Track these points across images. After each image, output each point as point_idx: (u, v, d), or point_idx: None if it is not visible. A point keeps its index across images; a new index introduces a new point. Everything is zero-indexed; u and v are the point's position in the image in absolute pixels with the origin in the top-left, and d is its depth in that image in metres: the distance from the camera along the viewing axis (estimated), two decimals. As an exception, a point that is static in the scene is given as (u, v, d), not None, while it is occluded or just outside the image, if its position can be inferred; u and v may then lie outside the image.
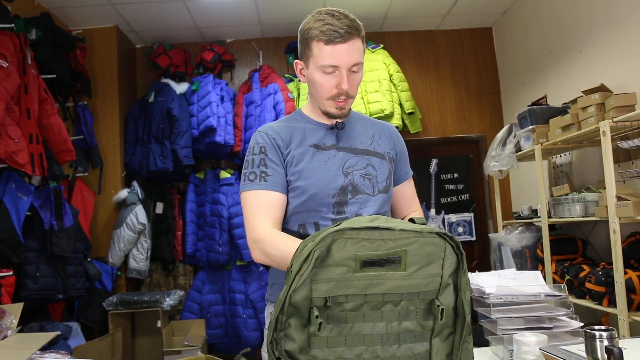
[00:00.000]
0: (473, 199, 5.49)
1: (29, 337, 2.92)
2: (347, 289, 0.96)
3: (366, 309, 0.98)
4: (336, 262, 0.95)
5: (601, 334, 1.23)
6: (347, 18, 1.47)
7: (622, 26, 3.44)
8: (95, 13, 4.66)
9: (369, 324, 0.98)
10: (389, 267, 0.96)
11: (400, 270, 0.97)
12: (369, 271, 0.96)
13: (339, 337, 0.97)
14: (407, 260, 0.97)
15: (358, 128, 1.64)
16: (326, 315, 0.97)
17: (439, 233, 0.99)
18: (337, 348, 0.97)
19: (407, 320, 0.99)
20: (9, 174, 3.33)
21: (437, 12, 5.15)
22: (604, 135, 2.94)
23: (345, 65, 1.47)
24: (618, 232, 2.87)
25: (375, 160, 1.58)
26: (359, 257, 0.95)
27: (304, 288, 0.95)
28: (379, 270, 0.96)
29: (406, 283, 0.98)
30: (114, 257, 4.54)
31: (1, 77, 3.14)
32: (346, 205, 1.50)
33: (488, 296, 1.63)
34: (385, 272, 0.96)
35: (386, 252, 0.95)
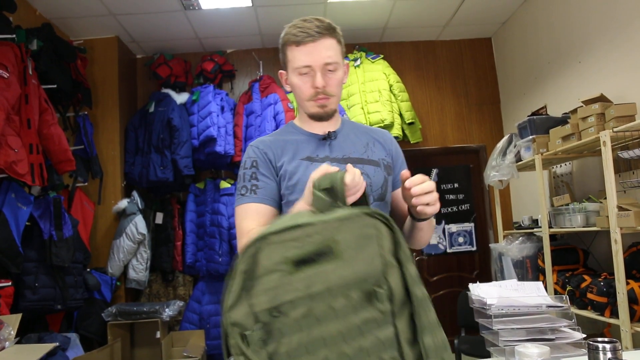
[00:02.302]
0: (473, 209, 5.48)
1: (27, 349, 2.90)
2: (288, 294, 0.91)
3: (317, 311, 0.92)
4: (268, 271, 0.90)
5: (604, 346, 1.22)
6: (319, 20, 1.50)
7: (622, 36, 3.46)
8: (96, 23, 4.69)
9: (326, 325, 0.92)
10: (324, 260, 0.92)
11: (337, 261, 0.92)
12: (306, 270, 0.91)
13: (299, 348, 0.91)
14: (341, 248, 0.92)
15: (351, 137, 1.63)
16: (278, 329, 0.91)
17: (366, 212, 0.94)
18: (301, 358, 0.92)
19: (363, 310, 0.94)
20: (9, 184, 3.32)
21: (436, 22, 5.17)
22: (604, 145, 2.94)
23: (317, 63, 1.49)
24: (619, 242, 2.86)
25: (369, 168, 1.57)
26: (288, 259, 0.90)
27: (241, 305, 0.90)
28: (315, 266, 0.91)
29: (347, 271, 0.92)
30: (114, 268, 4.52)
31: (2, 87, 3.15)
32: None
33: (489, 307, 1.62)
34: (322, 267, 0.91)
35: (314, 247, 0.91)
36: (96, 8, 4.37)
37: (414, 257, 5.36)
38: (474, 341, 3.72)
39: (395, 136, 4.85)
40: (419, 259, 5.36)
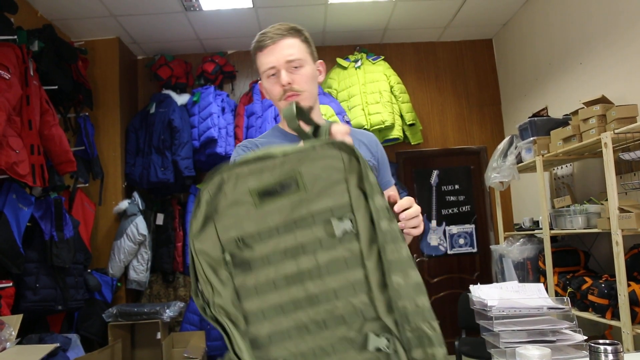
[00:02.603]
0: (474, 210, 5.48)
1: (28, 349, 2.90)
2: (254, 226, 0.90)
3: (284, 245, 0.90)
4: (233, 202, 0.90)
5: (606, 348, 1.22)
6: (281, 24, 1.54)
7: (623, 38, 3.45)
8: (97, 25, 4.69)
9: (293, 260, 0.90)
10: (289, 193, 0.90)
11: (301, 193, 0.89)
12: (272, 202, 0.90)
13: (267, 283, 0.90)
14: (305, 180, 0.89)
15: None
16: (247, 263, 0.90)
17: (329, 143, 0.91)
18: (269, 295, 0.90)
19: (331, 247, 0.90)
20: (10, 185, 3.32)
21: (437, 23, 5.17)
22: (605, 146, 2.94)
23: (279, 61, 1.51)
24: (621, 244, 2.86)
25: None
26: (252, 190, 0.89)
27: (207, 234, 0.90)
28: (281, 198, 0.89)
29: (313, 203, 0.90)
30: (114, 268, 4.52)
31: (3, 89, 3.15)
32: None
33: (490, 309, 1.61)
34: (287, 199, 0.90)
35: (278, 178, 0.89)
36: (97, 9, 4.38)
37: (415, 258, 5.35)
38: (475, 343, 3.72)
39: (395, 137, 4.85)
40: (419, 260, 5.36)
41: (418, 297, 0.89)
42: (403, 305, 0.89)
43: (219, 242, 0.90)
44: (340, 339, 0.90)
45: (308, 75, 1.55)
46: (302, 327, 0.91)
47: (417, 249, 5.35)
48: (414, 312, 0.89)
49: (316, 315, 0.90)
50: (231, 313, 0.90)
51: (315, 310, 0.90)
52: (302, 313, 0.90)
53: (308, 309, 0.90)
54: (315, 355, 0.91)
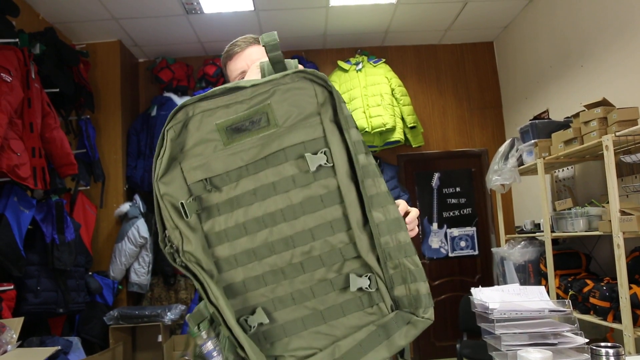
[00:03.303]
0: (475, 213, 5.47)
1: (29, 352, 2.90)
2: (222, 165, 0.85)
3: (254, 185, 0.85)
4: (200, 140, 0.84)
5: (607, 351, 1.22)
6: (248, 35, 1.60)
7: (624, 40, 3.46)
8: (99, 28, 4.70)
9: (265, 202, 0.85)
10: (259, 128, 0.84)
11: (272, 128, 0.84)
12: (241, 139, 0.84)
13: (237, 228, 0.85)
14: (275, 114, 0.84)
15: None
16: (214, 205, 0.85)
17: (299, 73, 0.85)
18: (240, 240, 0.85)
19: (305, 184, 0.85)
20: (11, 188, 3.33)
21: (438, 26, 5.18)
22: (606, 149, 2.94)
23: (248, 66, 1.51)
24: (622, 246, 2.85)
25: None
26: (220, 125, 0.83)
27: (172, 176, 0.84)
28: (250, 135, 0.84)
29: (284, 138, 0.85)
30: (115, 271, 4.52)
31: (5, 91, 3.16)
32: None
33: (492, 311, 1.61)
34: (257, 135, 0.85)
35: (247, 112, 0.84)
36: (99, 12, 4.38)
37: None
38: (476, 345, 3.71)
39: (397, 140, 4.85)
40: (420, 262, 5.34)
41: (399, 232, 0.87)
42: (385, 241, 0.86)
43: (186, 185, 0.85)
44: (319, 281, 0.87)
45: None
46: (278, 271, 0.86)
47: (419, 251, 5.34)
48: (395, 248, 0.86)
49: (292, 258, 0.86)
50: (202, 260, 0.84)
51: (291, 253, 0.86)
52: (277, 257, 0.86)
53: (283, 252, 0.86)
54: (293, 300, 0.87)
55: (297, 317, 0.87)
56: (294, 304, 0.87)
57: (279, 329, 0.87)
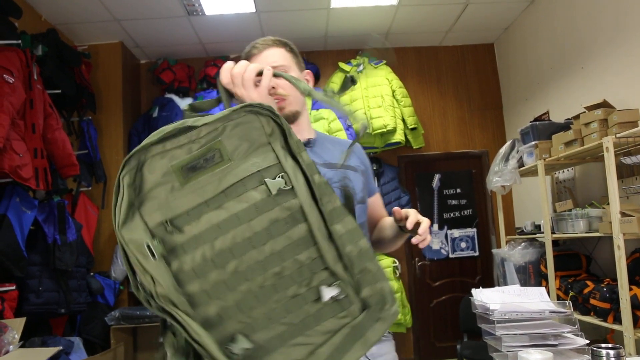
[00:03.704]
0: (476, 214, 5.48)
1: (31, 352, 2.91)
2: (181, 205, 0.86)
3: (217, 219, 0.87)
4: (156, 184, 0.86)
5: (608, 352, 1.22)
6: (268, 37, 1.60)
7: (625, 42, 3.46)
8: (101, 29, 4.71)
9: (229, 233, 0.87)
10: (214, 164, 0.88)
11: (226, 163, 0.88)
12: (197, 177, 0.87)
13: (205, 263, 0.86)
14: (227, 149, 0.89)
15: (328, 146, 1.65)
16: (179, 246, 0.86)
17: (245, 107, 0.90)
18: (210, 274, 0.86)
19: (267, 208, 0.88)
20: (13, 188, 3.33)
21: (439, 28, 5.19)
22: (607, 151, 2.95)
23: None
24: (622, 248, 2.86)
25: (350, 173, 1.60)
26: (175, 167, 0.86)
27: (133, 222, 0.85)
28: (206, 172, 0.87)
29: (240, 169, 0.88)
30: (117, 272, 4.53)
31: (7, 92, 3.16)
32: None
33: (492, 312, 1.62)
34: (213, 172, 0.88)
35: (200, 151, 0.87)
36: (101, 14, 4.39)
37: (417, 261, 5.36)
38: (477, 347, 3.72)
39: (397, 141, 4.86)
40: (421, 264, 5.36)
41: (360, 240, 0.92)
42: (349, 250, 0.91)
43: (147, 229, 0.86)
44: (292, 297, 0.90)
45: None
46: (251, 297, 0.88)
47: (419, 252, 5.35)
48: (358, 255, 0.92)
49: (264, 281, 0.88)
50: (176, 300, 0.85)
51: (263, 277, 0.88)
52: (249, 283, 0.87)
53: (254, 278, 0.88)
54: (270, 320, 0.89)
55: (275, 335, 0.89)
56: (270, 324, 0.89)
57: (259, 349, 0.89)
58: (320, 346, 0.90)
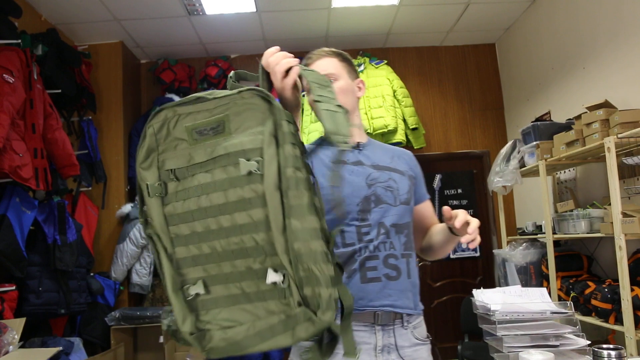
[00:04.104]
0: (477, 214, 5.47)
1: (31, 353, 2.91)
2: (185, 160, 1.04)
3: (203, 180, 1.02)
4: (173, 138, 1.04)
5: (610, 353, 1.22)
6: (325, 49, 1.71)
7: (626, 42, 3.45)
8: (101, 29, 4.71)
9: (209, 195, 1.02)
10: (216, 134, 1.03)
11: (226, 135, 1.03)
12: (203, 141, 1.03)
13: (188, 213, 1.03)
14: (231, 124, 1.03)
15: (378, 150, 1.73)
16: (174, 193, 1.05)
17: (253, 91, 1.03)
18: (190, 223, 1.03)
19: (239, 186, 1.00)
20: (13, 189, 3.33)
21: (440, 28, 5.18)
22: (608, 151, 2.94)
23: None
24: (624, 248, 2.85)
25: (396, 175, 1.65)
26: (188, 128, 1.03)
27: (150, 164, 1.06)
28: (209, 139, 1.03)
29: (230, 143, 1.01)
30: (117, 272, 4.53)
31: (7, 92, 3.16)
32: (369, 213, 1.56)
33: (493, 313, 1.61)
34: (216, 139, 1.03)
35: (209, 120, 1.03)
36: (101, 14, 4.39)
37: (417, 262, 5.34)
38: (478, 347, 3.71)
39: (398, 142, 4.85)
40: (422, 264, 5.35)
41: (312, 241, 0.99)
42: (298, 247, 0.98)
43: (158, 171, 1.06)
44: (247, 268, 1.02)
45: (342, 87, 1.67)
46: (216, 254, 1.02)
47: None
48: (306, 254, 0.98)
49: (228, 245, 1.01)
50: (161, 235, 1.06)
51: (227, 241, 1.01)
52: (217, 242, 1.02)
53: (221, 239, 1.02)
54: (227, 279, 1.03)
55: (229, 294, 1.04)
56: (227, 283, 1.03)
57: (213, 300, 1.05)
58: (259, 320, 1.02)
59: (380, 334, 1.51)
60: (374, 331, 1.51)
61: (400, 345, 1.53)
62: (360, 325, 1.51)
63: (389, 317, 1.52)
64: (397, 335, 1.54)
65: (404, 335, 1.54)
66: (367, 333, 1.51)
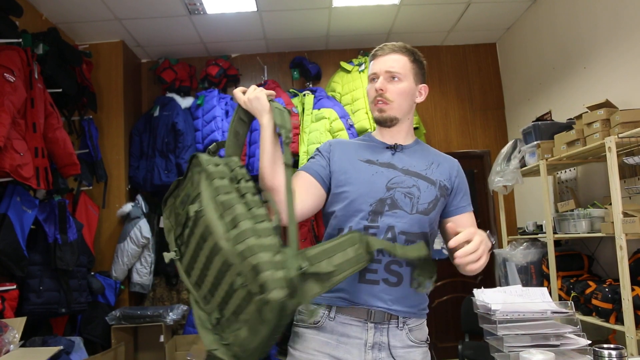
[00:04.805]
0: (477, 214, 5.45)
1: (32, 352, 2.91)
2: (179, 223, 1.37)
3: (192, 231, 1.30)
4: (173, 209, 1.42)
5: (610, 353, 1.22)
6: (400, 43, 1.75)
7: (627, 41, 3.45)
8: (102, 28, 4.71)
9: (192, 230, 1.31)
10: (195, 198, 1.32)
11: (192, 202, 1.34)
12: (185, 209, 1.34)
13: (191, 258, 1.32)
14: (193, 195, 1.34)
15: (417, 154, 1.74)
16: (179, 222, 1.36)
17: (194, 157, 1.37)
18: (192, 264, 1.32)
19: (200, 224, 1.27)
20: (14, 188, 3.33)
21: (441, 27, 5.18)
22: (609, 151, 2.93)
23: (381, 70, 1.67)
24: (625, 248, 2.85)
25: (423, 183, 1.64)
26: (178, 203, 1.39)
27: (173, 197, 1.44)
28: (195, 202, 1.32)
29: (194, 197, 1.32)
30: (118, 271, 4.53)
31: (8, 91, 3.16)
32: (381, 215, 1.56)
33: (494, 313, 1.61)
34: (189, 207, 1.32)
35: (182, 196, 1.39)
36: (102, 13, 4.39)
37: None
38: (478, 347, 3.71)
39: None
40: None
41: (246, 240, 1.16)
42: (240, 248, 1.16)
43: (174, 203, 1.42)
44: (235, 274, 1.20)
45: (403, 90, 1.68)
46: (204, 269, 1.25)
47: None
48: (248, 250, 1.15)
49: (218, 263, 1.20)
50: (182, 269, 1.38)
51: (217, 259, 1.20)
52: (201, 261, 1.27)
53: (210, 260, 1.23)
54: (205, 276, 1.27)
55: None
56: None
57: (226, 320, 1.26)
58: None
59: (373, 331, 1.53)
60: (366, 328, 1.53)
61: (392, 344, 1.54)
62: (353, 320, 1.53)
63: (383, 317, 1.53)
64: (390, 334, 1.55)
65: (398, 335, 1.55)
66: (359, 329, 1.53)
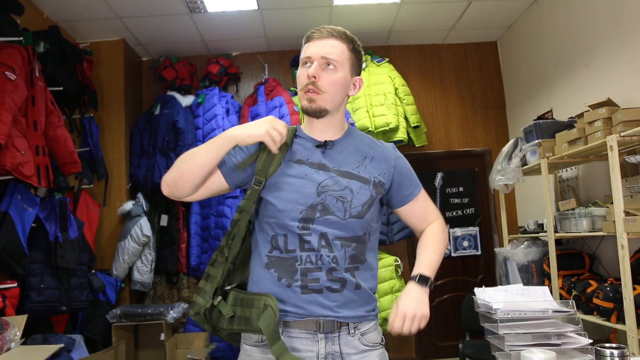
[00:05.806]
0: (478, 213, 5.46)
1: (33, 350, 2.91)
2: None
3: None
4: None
5: (612, 352, 1.21)
6: (340, 28, 1.56)
7: (629, 40, 3.44)
8: (103, 26, 4.71)
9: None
10: None
11: None
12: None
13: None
14: None
15: (349, 149, 1.60)
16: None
17: None
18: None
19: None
20: (15, 186, 3.33)
21: (442, 26, 5.17)
22: (611, 149, 2.93)
23: (316, 55, 1.51)
24: (626, 247, 2.84)
25: (355, 184, 1.54)
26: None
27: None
28: None
29: None
30: (118, 269, 4.53)
31: (9, 90, 3.16)
32: (312, 222, 1.49)
33: (495, 312, 1.61)
34: None
35: None
36: (102, 11, 4.39)
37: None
38: (479, 346, 3.71)
39: (400, 139, 4.83)
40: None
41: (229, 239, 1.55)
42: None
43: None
44: None
45: (337, 80, 1.53)
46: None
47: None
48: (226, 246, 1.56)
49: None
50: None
51: None
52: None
53: None
54: None
55: None
56: None
57: None
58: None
59: (324, 342, 1.48)
60: (316, 339, 1.48)
61: (345, 352, 1.49)
62: (303, 332, 1.48)
63: (332, 325, 1.48)
64: (342, 343, 1.50)
65: (350, 342, 1.50)
66: (309, 341, 1.48)
